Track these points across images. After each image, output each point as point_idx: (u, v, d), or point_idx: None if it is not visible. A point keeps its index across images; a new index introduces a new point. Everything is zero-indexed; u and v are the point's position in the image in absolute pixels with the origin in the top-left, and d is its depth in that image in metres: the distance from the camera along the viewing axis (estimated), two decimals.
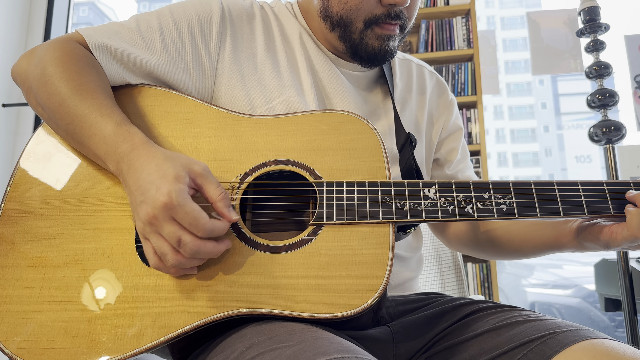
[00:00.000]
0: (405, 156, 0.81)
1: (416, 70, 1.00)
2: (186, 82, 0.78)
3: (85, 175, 0.70)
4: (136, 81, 0.76)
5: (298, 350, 0.49)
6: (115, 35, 0.75)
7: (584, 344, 0.59)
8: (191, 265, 0.59)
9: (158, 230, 0.57)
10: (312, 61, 0.87)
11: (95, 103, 0.66)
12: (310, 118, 0.73)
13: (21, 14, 2.97)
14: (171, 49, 0.77)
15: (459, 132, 1.01)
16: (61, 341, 0.59)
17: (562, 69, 2.93)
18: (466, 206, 0.67)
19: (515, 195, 0.68)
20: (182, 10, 0.80)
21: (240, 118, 0.74)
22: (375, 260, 0.62)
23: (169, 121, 0.73)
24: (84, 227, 0.66)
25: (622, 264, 1.52)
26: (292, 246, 0.64)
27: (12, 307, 0.61)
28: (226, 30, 0.82)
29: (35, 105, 0.72)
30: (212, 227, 0.57)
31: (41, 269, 0.64)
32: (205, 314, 0.60)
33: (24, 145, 0.75)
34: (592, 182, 0.69)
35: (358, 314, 0.59)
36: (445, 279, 1.25)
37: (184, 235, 0.56)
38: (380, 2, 0.79)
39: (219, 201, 0.60)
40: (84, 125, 0.66)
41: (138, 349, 0.58)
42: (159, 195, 0.56)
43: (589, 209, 0.67)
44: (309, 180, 0.68)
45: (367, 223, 0.65)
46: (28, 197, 0.68)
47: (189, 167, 0.60)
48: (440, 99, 1.01)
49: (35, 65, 0.71)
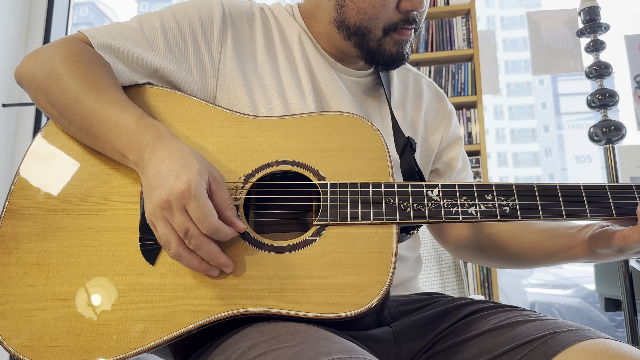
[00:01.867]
0: (407, 160, 0.81)
1: (414, 79, 1.01)
2: (189, 82, 0.78)
3: (89, 174, 0.70)
4: (143, 80, 0.77)
5: (300, 350, 0.49)
6: (118, 35, 0.75)
7: (585, 343, 0.59)
8: (188, 260, 0.59)
9: (167, 217, 0.58)
10: (311, 64, 0.87)
11: (113, 98, 0.67)
12: (314, 119, 0.74)
13: (21, 14, 2.97)
14: (174, 49, 0.78)
15: (459, 142, 1.02)
16: (64, 339, 0.59)
17: (562, 69, 2.93)
18: (469, 208, 0.67)
19: (518, 198, 0.68)
20: (183, 11, 0.81)
21: (244, 119, 0.74)
22: (378, 261, 0.63)
23: (173, 121, 0.73)
24: (88, 226, 0.66)
25: (622, 264, 1.52)
26: (296, 246, 0.64)
27: (16, 305, 0.62)
28: (227, 30, 0.82)
29: (44, 104, 0.72)
30: (218, 227, 0.58)
31: (45, 267, 0.64)
32: (208, 313, 0.60)
33: (24, 145, 0.75)
34: (594, 185, 0.69)
35: (361, 314, 0.59)
36: (445, 279, 1.25)
37: (192, 227, 0.57)
38: (398, 9, 0.80)
39: (226, 209, 0.61)
40: (103, 118, 0.66)
41: (141, 348, 0.59)
42: (178, 182, 0.57)
43: (591, 212, 0.67)
44: (312, 181, 0.68)
45: (370, 224, 0.65)
46: (32, 195, 0.68)
47: (210, 170, 0.62)
48: (438, 108, 1.01)
49: (43, 65, 0.71)
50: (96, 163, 0.71)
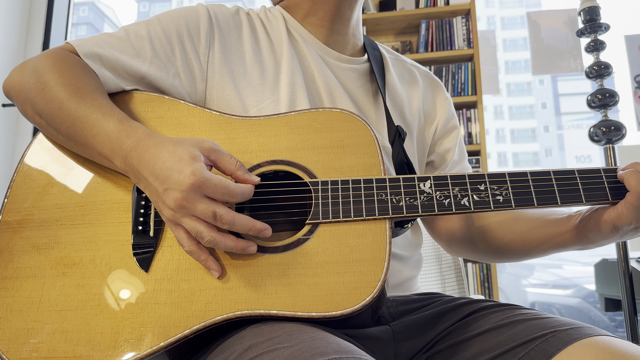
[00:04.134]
0: (397, 149, 0.82)
1: (408, 69, 1.00)
2: (178, 87, 0.79)
3: (80, 183, 0.70)
4: (130, 87, 0.77)
5: (296, 351, 0.49)
6: (105, 44, 0.76)
7: (585, 341, 0.59)
8: (224, 243, 0.60)
9: (190, 212, 0.59)
10: (302, 60, 0.87)
11: (95, 104, 0.67)
12: (304, 117, 0.73)
13: (21, 14, 2.97)
14: (161, 55, 0.79)
15: (455, 132, 1.00)
16: (62, 350, 0.60)
17: (562, 69, 2.93)
18: (462, 199, 0.67)
19: (512, 186, 0.67)
20: (169, 18, 0.82)
21: (233, 120, 0.74)
22: (372, 257, 0.62)
23: (162, 126, 0.73)
24: (81, 236, 0.66)
25: (622, 264, 1.52)
26: (289, 246, 0.64)
27: (13, 318, 0.62)
28: (214, 34, 0.83)
29: (32, 114, 0.72)
30: (242, 190, 0.60)
31: (40, 279, 0.64)
32: (204, 318, 0.60)
33: (23, 146, 0.76)
34: (588, 169, 0.68)
35: (357, 311, 0.59)
36: (445, 279, 1.25)
37: (217, 208, 0.58)
38: None
39: (237, 170, 0.62)
40: (86, 125, 0.66)
41: (139, 355, 0.59)
42: (183, 178, 0.58)
43: (586, 197, 0.66)
44: (303, 180, 0.68)
45: (363, 220, 0.65)
46: (25, 208, 0.69)
47: (200, 145, 0.62)
48: (435, 97, 1.00)
49: (30, 76, 0.72)
50: (87, 172, 0.71)
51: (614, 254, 1.72)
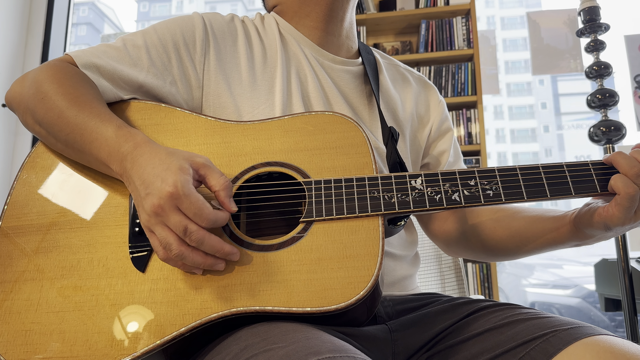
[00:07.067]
0: (390, 150, 0.83)
1: (401, 72, 1.02)
2: (175, 94, 0.81)
3: (79, 189, 0.72)
4: (128, 96, 0.79)
5: (290, 350, 0.50)
6: (102, 54, 0.78)
7: (586, 340, 0.59)
8: (192, 258, 0.59)
9: (164, 221, 0.58)
10: (296, 63, 0.89)
11: (93, 111, 0.69)
12: (297, 120, 0.75)
13: (21, 14, 2.97)
14: (158, 64, 0.80)
15: (450, 134, 1.01)
16: (59, 350, 0.61)
17: (562, 69, 2.93)
18: (453, 194, 0.68)
19: (501, 180, 0.68)
20: (165, 28, 0.84)
21: (228, 125, 0.76)
22: (366, 252, 0.63)
23: (159, 133, 0.75)
24: (79, 239, 0.68)
25: (622, 264, 1.52)
26: (284, 244, 0.65)
27: (12, 320, 0.63)
28: (209, 42, 0.85)
29: (32, 124, 0.74)
30: (216, 217, 0.59)
31: (38, 282, 0.65)
32: (200, 315, 0.61)
33: (23, 146, 0.77)
34: (577, 163, 0.69)
35: (351, 305, 0.59)
36: (445, 279, 1.25)
37: (189, 224, 0.58)
38: None
39: (222, 190, 0.61)
40: (85, 132, 0.68)
41: (135, 354, 0.59)
42: (164, 186, 0.58)
43: (575, 189, 0.67)
44: (297, 180, 0.70)
45: (356, 217, 0.66)
46: (25, 213, 0.70)
47: (192, 159, 0.62)
48: (428, 100, 1.02)
49: (29, 87, 0.73)
50: (85, 177, 0.73)
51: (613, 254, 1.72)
